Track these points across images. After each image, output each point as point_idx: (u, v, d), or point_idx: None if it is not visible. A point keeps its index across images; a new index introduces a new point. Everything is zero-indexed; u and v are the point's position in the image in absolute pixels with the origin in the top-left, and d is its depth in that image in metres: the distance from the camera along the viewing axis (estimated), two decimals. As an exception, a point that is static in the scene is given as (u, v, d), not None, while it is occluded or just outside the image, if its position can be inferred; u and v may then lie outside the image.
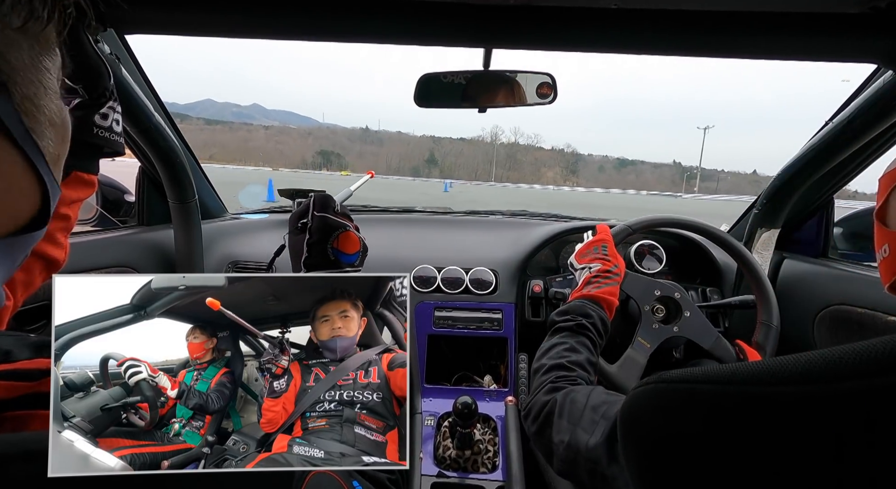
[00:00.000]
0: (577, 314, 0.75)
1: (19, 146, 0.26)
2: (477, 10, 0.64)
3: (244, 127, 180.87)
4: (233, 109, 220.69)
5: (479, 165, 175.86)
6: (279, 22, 0.68)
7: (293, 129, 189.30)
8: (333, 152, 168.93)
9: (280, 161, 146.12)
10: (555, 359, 0.67)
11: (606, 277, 0.82)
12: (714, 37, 0.65)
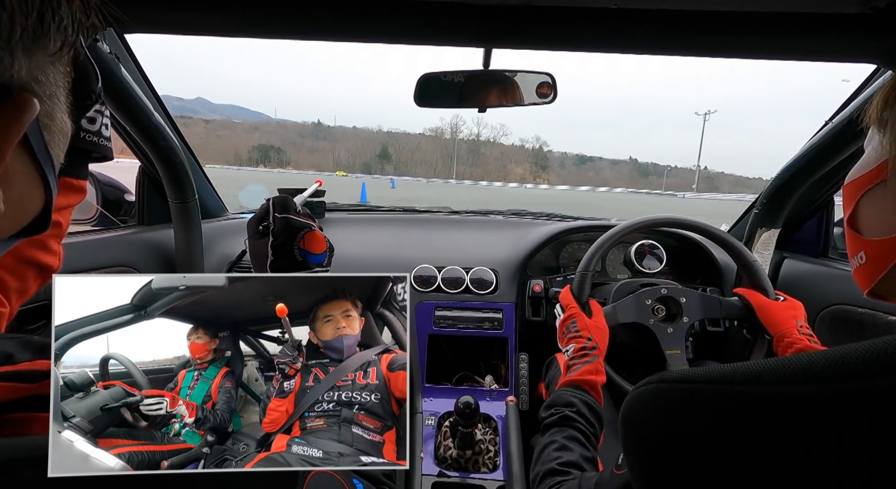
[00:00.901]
0: (560, 405, 0.72)
1: (36, 158, 0.28)
2: (476, 10, 0.64)
3: (181, 120, 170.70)
4: (174, 103, 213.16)
5: (439, 161, 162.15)
6: (278, 21, 0.68)
7: (237, 123, 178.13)
8: (273, 147, 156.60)
9: (215, 157, 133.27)
10: (547, 465, 0.64)
11: (582, 356, 0.79)
12: (714, 37, 0.65)
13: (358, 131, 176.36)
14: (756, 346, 0.95)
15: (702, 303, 0.95)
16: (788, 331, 0.85)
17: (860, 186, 0.41)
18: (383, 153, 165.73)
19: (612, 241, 0.99)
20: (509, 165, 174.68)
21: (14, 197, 0.28)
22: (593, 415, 0.71)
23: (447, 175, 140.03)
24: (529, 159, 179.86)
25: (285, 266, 0.62)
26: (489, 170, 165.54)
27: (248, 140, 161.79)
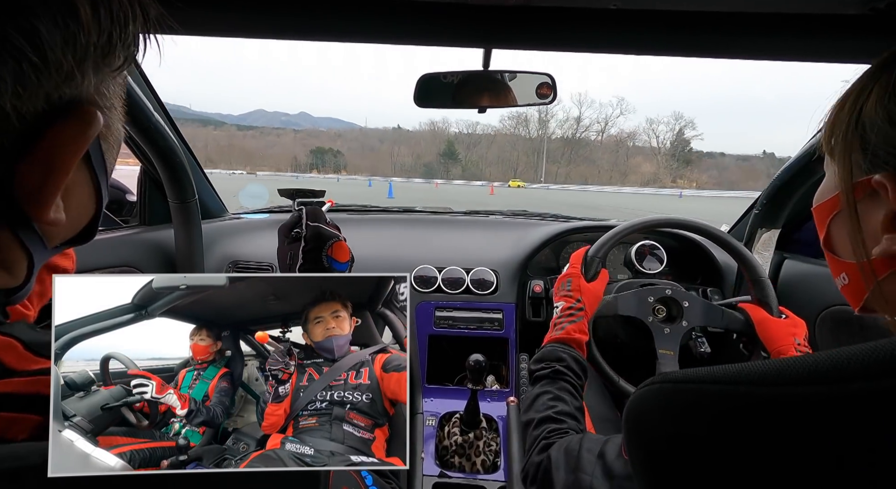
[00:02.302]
0: (551, 360, 0.76)
1: (93, 168, 0.30)
2: (476, 11, 0.64)
3: (274, 131, 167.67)
4: (281, 118, 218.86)
5: (521, 158, 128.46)
6: (278, 21, 0.68)
7: (323, 132, 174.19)
8: (330, 150, 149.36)
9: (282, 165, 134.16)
10: (542, 412, 0.68)
11: (570, 315, 0.83)
12: (713, 37, 0.65)
13: (436, 131, 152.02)
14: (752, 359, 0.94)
15: (704, 311, 0.95)
16: (785, 348, 0.85)
17: (826, 212, 0.41)
18: (448, 152, 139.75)
19: (621, 236, 0.98)
20: (633, 160, 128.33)
21: (73, 207, 0.29)
22: (580, 368, 0.76)
23: (532, 177, 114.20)
24: (665, 152, 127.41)
25: (312, 270, 0.67)
26: (596, 169, 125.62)
27: (332, 146, 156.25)
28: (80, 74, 0.25)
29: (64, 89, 0.25)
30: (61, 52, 0.23)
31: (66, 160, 0.26)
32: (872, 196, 0.35)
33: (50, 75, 0.24)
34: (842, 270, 0.41)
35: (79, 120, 0.26)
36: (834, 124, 0.39)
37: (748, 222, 1.26)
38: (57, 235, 0.30)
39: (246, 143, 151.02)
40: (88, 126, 0.26)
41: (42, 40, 0.22)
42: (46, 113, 0.25)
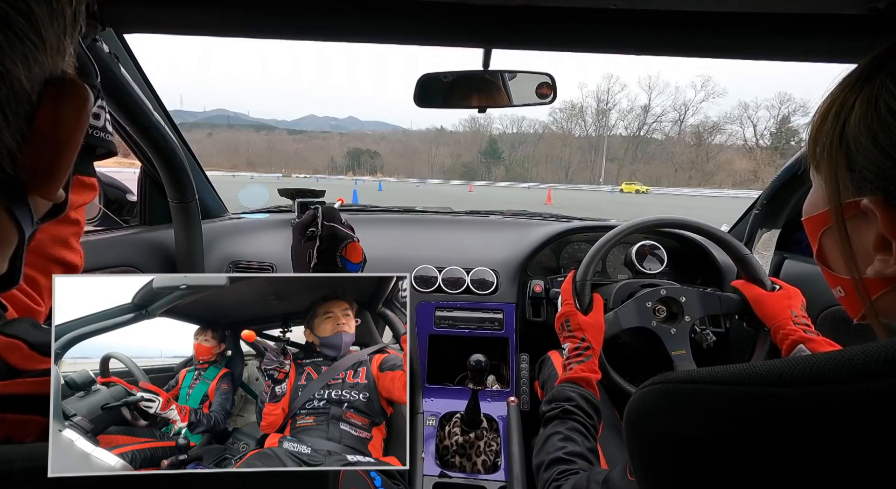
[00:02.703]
0: (560, 400, 0.75)
1: None
2: (476, 11, 0.64)
3: (321, 135, 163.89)
4: (331, 122, 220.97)
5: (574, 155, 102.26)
6: (278, 21, 0.69)
7: (367, 134, 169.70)
8: (367, 151, 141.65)
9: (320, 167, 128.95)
10: (552, 454, 0.67)
11: (577, 356, 0.82)
12: (713, 38, 0.65)
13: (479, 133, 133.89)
14: (758, 341, 0.94)
15: (701, 301, 0.96)
16: (783, 322, 0.85)
17: (816, 226, 0.40)
18: (491, 150, 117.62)
19: (610, 245, 0.99)
20: (722, 156, 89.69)
21: None
22: (591, 408, 0.74)
23: (589, 177, 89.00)
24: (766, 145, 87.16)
25: (326, 269, 0.67)
26: (671, 166, 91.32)
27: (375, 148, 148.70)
28: (66, 48, 0.26)
29: (57, 65, 0.25)
30: (51, 28, 0.24)
31: (73, 136, 0.27)
32: (862, 215, 0.34)
33: (45, 53, 0.24)
34: (837, 284, 0.40)
35: (74, 95, 0.26)
36: (817, 137, 0.37)
37: (748, 222, 1.26)
38: (42, 209, 0.29)
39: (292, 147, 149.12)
40: (86, 100, 0.27)
41: (37, 19, 0.23)
42: (47, 91, 0.25)
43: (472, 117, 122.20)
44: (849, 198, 0.34)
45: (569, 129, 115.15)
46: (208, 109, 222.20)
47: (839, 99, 0.35)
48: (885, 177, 0.31)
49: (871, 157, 0.32)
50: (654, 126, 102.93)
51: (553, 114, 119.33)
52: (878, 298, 0.35)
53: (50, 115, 0.25)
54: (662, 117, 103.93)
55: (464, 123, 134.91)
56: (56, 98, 0.26)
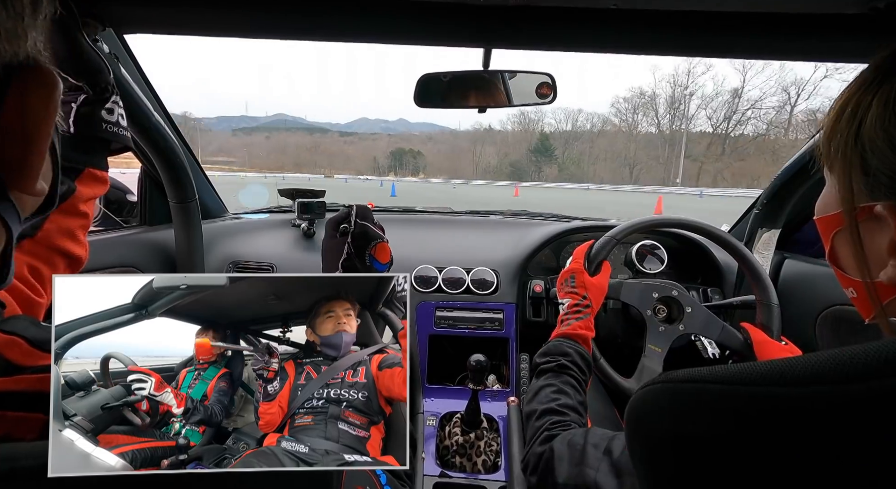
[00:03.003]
0: (556, 354, 0.76)
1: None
2: (476, 10, 0.64)
3: (370, 136, 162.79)
4: (381, 124, 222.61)
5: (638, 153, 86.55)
6: (278, 21, 0.69)
7: (415, 135, 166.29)
8: (411, 151, 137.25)
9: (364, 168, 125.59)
10: (545, 404, 0.68)
11: (576, 312, 0.83)
12: (713, 37, 0.65)
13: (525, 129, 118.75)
14: None
15: (704, 322, 0.94)
16: None
17: (829, 227, 0.39)
18: (541, 148, 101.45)
19: (624, 234, 0.97)
20: None
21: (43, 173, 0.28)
22: (585, 363, 0.76)
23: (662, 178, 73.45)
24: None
25: (354, 266, 0.69)
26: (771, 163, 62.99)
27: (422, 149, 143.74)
28: (24, 34, 0.24)
29: (16, 51, 0.24)
30: (4, 14, 0.23)
31: (43, 125, 0.25)
32: (876, 219, 0.33)
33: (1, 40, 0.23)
34: (849, 285, 0.39)
35: (43, 82, 0.25)
36: (831, 135, 0.36)
37: (748, 222, 1.26)
38: (29, 205, 0.29)
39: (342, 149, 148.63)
40: (53, 88, 0.26)
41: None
42: (10, 80, 0.24)
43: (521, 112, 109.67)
44: (863, 202, 0.33)
45: (635, 122, 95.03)
46: (269, 114, 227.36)
47: (855, 97, 0.34)
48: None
49: (886, 161, 0.31)
50: (749, 114, 78.43)
51: (616, 104, 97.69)
52: (890, 302, 0.34)
53: (15, 104, 0.24)
54: (762, 102, 78.02)
55: (512, 120, 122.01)
56: (21, 86, 0.24)
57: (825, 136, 0.37)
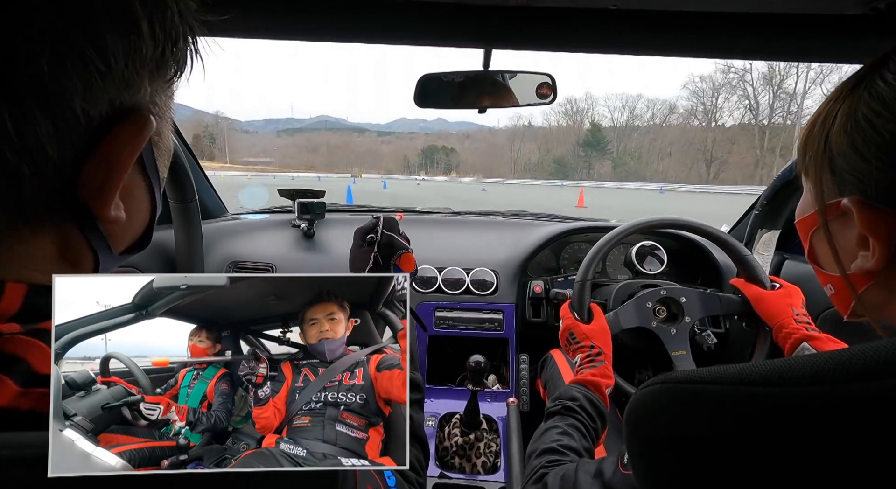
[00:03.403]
0: (564, 397, 0.76)
1: (147, 174, 0.33)
2: (476, 11, 0.64)
3: (407, 136, 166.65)
4: (420, 124, 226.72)
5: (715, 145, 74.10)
6: (278, 22, 0.69)
7: (452, 133, 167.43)
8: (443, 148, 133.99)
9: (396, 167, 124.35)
10: (547, 444, 0.68)
11: (589, 362, 0.82)
12: (713, 38, 0.65)
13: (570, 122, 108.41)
14: (759, 341, 0.94)
15: (701, 302, 0.96)
16: (785, 321, 0.85)
17: (806, 227, 0.43)
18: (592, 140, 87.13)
19: (610, 246, 0.99)
20: None
21: (131, 210, 0.32)
22: (595, 410, 0.74)
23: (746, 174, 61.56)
24: None
25: None
26: None
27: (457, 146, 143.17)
28: (139, 83, 0.28)
29: (125, 95, 0.28)
30: (124, 61, 0.26)
31: (125, 159, 0.29)
32: (845, 215, 0.37)
33: (113, 82, 0.26)
34: (827, 281, 0.43)
35: (136, 123, 0.29)
36: (806, 144, 0.41)
37: (748, 223, 1.26)
38: (120, 239, 0.33)
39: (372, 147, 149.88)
40: (143, 128, 0.29)
41: (108, 50, 0.25)
42: (109, 117, 0.27)
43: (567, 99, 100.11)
44: (832, 199, 0.38)
45: (715, 107, 79.68)
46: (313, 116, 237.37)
47: (825, 110, 0.39)
48: (862, 178, 0.35)
49: (849, 161, 0.35)
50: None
51: (691, 84, 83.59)
52: (863, 292, 0.38)
53: (110, 141, 0.28)
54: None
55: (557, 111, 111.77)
56: (118, 124, 0.28)
57: (801, 145, 0.42)
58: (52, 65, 0.24)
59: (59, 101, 0.25)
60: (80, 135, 0.27)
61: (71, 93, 0.25)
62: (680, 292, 0.96)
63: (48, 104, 0.25)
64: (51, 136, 0.25)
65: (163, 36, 0.28)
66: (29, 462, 0.25)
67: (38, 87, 0.24)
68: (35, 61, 0.23)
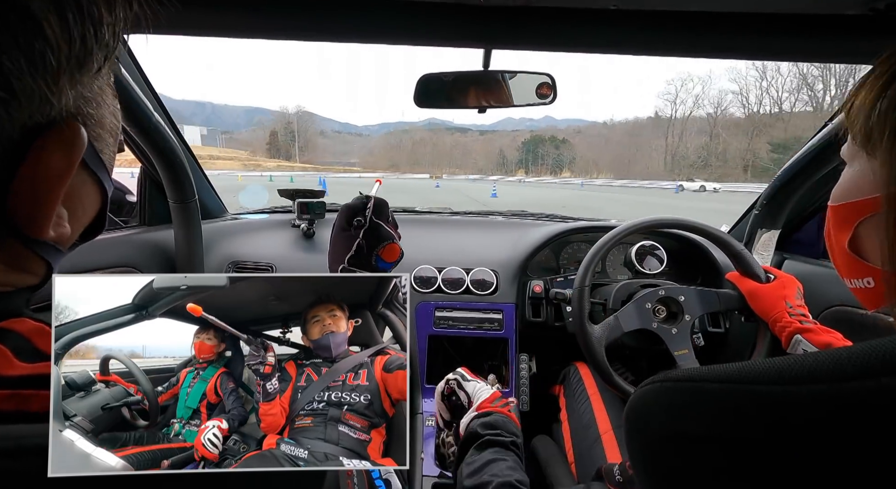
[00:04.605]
0: (507, 431, 0.70)
1: (90, 168, 0.30)
2: (476, 11, 0.64)
3: (511, 133, 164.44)
4: (527, 123, 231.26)
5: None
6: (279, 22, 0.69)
7: (561, 129, 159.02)
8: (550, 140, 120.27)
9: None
10: (502, 478, 0.60)
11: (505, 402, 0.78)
12: (713, 38, 0.66)
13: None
14: (759, 335, 0.94)
15: (700, 299, 0.96)
16: (778, 315, 0.84)
17: (856, 213, 0.38)
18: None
19: (609, 247, 0.99)
20: None
21: (77, 210, 0.30)
22: (519, 451, 0.69)
23: None
24: None
25: (360, 264, 0.67)
26: None
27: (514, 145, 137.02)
28: (59, 93, 0.23)
29: (41, 112, 0.23)
30: (30, 77, 0.21)
31: (55, 181, 0.25)
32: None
33: (20, 105, 0.22)
34: (867, 275, 0.38)
35: (61, 138, 0.25)
36: (871, 113, 0.35)
37: (748, 222, 1.27)
38: (68, 239, 0.30)
39: (473, 146, 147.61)
40: (72, 142, 0.25)
41: (4, 71, 0.20)
42: (23, 140, 0.23)
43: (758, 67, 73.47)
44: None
45: None
46: (422, 119, 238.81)
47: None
48: None
49: None
50: None
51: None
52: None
53: (34, 162, 0.24)
54: None
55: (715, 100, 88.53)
56: (42, 145, 0.24)
57: (861, 117, 0.36)
58: None
59: None
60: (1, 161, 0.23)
61: None
62: (678, 291, 0.96)
63: None
64: None
65: (79, 26, 0.22)
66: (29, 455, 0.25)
67: None
68: None
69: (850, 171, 0.39)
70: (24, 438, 0.25)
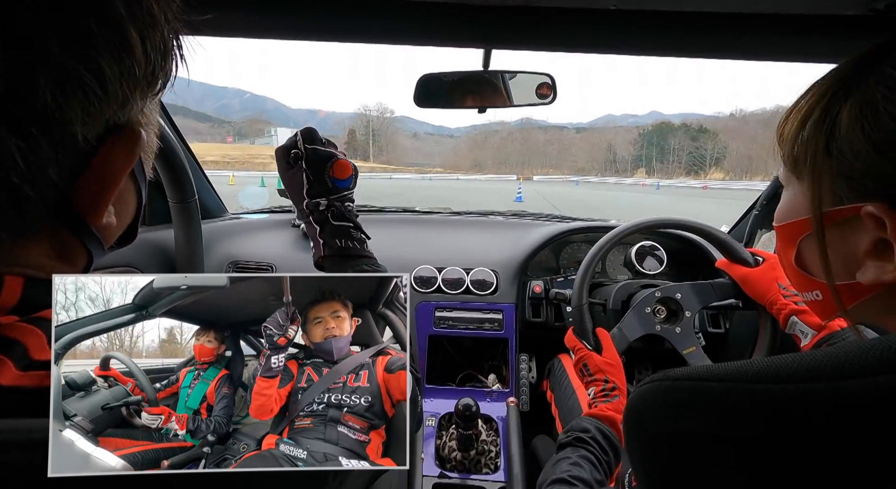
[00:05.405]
0: (576, 430, 0.73)
1: (136, 177, 0.36)
2: (476, 11, 0.64)
3: (611, 131, 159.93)
4: (629, 119, 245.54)
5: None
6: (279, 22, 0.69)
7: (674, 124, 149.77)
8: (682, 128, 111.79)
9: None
10: (557, 475, 0.65)
11: (604, 396, 0.80)
12: (712, 38, 0.66)
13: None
14: (760, 321, 0.94)
15: (696, 293, 0.96)
16: (773, 297, 0.84)
17: (795, 233, 0.40)
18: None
19: (608, 247, 0.98)
20: None
21: (121, 211, 0.35)
22: (608, 443, 0.71)
23: None
24: None
25: (319, 192, 0.67)
26: None
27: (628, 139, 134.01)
28: (132, 101, 0.29)
29: (119, 115, 0.29)
30: (118, 83, 0.27)
31: (117, 174, 0.31)
32: (849, 222, 0.34)
33: (109, 104, 0.28)
34: (814, 288, 0.40)
35: (128, 139, 0.31)
36: (795, 142, 0.37)
37: (748, 223, 1.27)
38: (110, 236, 0.35)
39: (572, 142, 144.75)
40: (135, 144, 0.31)
41: (105, 75, 0.26)
42: (103, 135, 0.29)
43: None
44: (838, 204, 0.34)
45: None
46: (514, 120, 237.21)
47: (821, 104, 0.35)
48: (891, 183, 0.31)
49: (872, 165, 0.31)
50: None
51: None
52: (862, 302, 0.35)
53: (104, 157, 0.30)
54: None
55: None
56: (113, 142, 0.30)
57: (788, 145, 0.38)
58: (54, 95, 0.25)
59: (61, 129, 0.26)
60: (77, 154, 0.28)
61: (71, 119, 0.26)
62: (674, 289, 0.96)
63: (51, 132, 0.26)
64: (52, 160, 0.27)
65: (154, 54, 0.29)
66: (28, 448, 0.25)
67: (42, 117, 0.25)
68: (39, 94, 0.24)
69: (786, 193, 0.41)
70: (35, 432, 0.25)
